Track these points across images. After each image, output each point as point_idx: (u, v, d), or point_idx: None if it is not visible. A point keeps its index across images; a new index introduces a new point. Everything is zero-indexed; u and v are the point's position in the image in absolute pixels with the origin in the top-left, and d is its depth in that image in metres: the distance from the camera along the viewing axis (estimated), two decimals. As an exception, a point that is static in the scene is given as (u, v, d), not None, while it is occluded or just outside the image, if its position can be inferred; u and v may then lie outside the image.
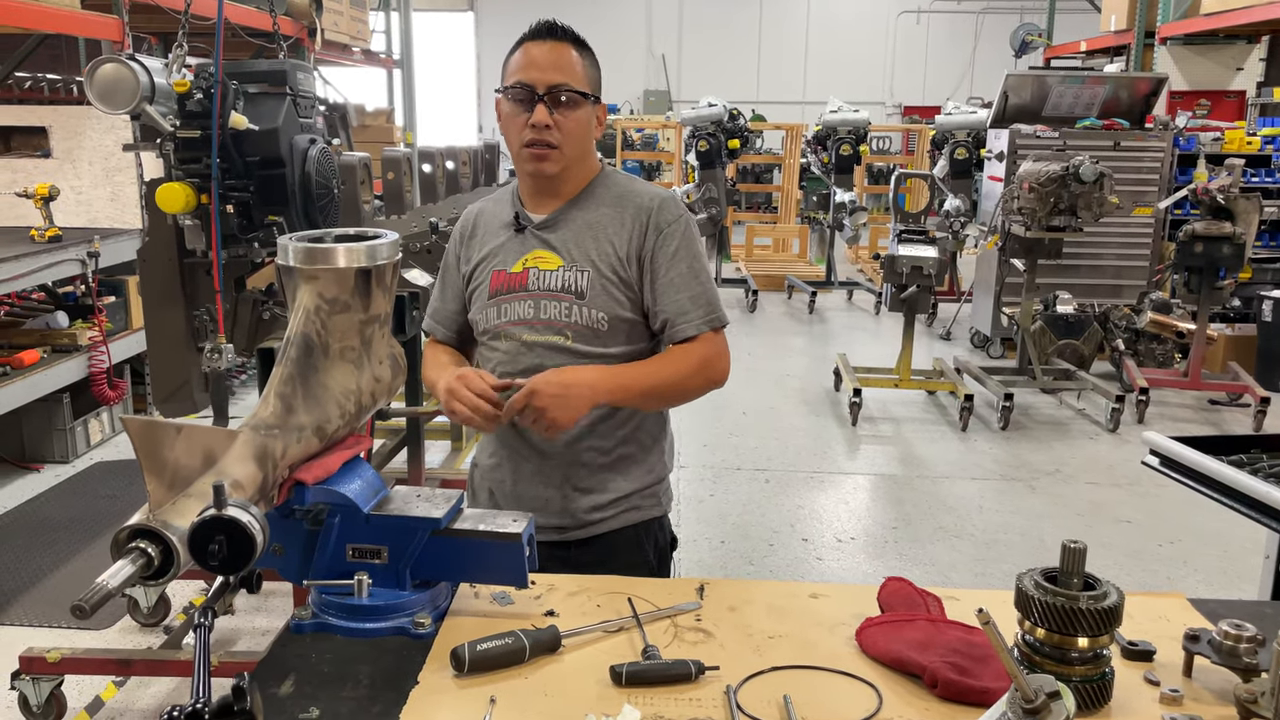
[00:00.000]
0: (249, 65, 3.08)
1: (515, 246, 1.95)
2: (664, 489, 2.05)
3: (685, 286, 1.90)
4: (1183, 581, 3.97)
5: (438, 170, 5.19)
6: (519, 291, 1.92)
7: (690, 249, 1.93)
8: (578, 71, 1.87)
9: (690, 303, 1.90)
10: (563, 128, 1.85)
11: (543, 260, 1.92)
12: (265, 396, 1.38)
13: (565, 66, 1.85)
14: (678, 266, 1.90)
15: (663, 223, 1.92)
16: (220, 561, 1.08)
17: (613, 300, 1.89)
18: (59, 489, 4.71)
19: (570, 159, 1.89)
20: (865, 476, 5.14)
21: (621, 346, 1.91)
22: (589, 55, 1.92)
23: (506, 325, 1.92)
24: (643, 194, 1.96)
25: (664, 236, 1.92)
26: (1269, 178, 7.74)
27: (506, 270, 1.94)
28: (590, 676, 1.30)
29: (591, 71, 1.90)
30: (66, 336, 4.98)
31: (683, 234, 1.93)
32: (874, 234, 11.09)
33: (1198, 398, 6.48)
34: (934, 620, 1.41)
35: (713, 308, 1.92)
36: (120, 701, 3.02)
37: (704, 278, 1.94)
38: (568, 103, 1.84)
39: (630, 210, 1.93)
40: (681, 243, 1.92)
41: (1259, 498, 1.97)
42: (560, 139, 1.85)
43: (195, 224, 2.82)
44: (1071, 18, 13.78)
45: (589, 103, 1.89)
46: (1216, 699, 1.26)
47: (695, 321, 1.89)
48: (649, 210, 1.92)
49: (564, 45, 1.87)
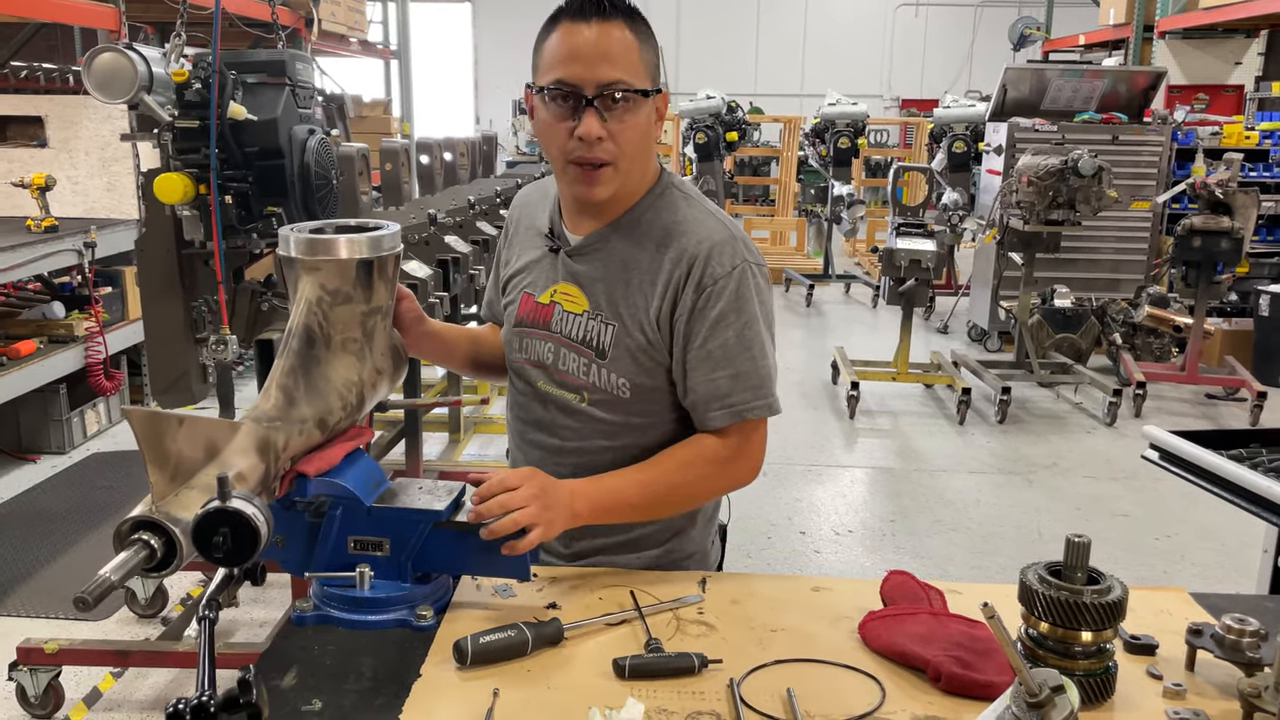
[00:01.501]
0: (247, 55, 3.06)
1: (546, 269, 1.66)
2: (699, 557, 1.74)
3: (727, 362, 1.53)
4: (1179, 575, 3.98)
5: (435, 161, 5.17)
6: (542, 330, 1.64)
7: (743, 313, 1.53)
8: (634, 59, 1.48)
9: (730, 383, 1.53)
10: (619, 138, 1.48)
11: (569, 298, 1.62)
12: (267, 388, 1.38)
13: (619, 55, 1.46)
14: (721, 335, 1.53)
15: (709, 278, 1.52)
16: (225, 554, 1.08)
17: (637, 366, 1.57)
18: (55, 480, 4.70)
19: (626, 175, 1.53)
20: (863, 469, 5.14)
21: (648, 417, 1.60)
22: (645, 31, 1.51)
23: (525, 364, 1.68)
24: (692, 235, 1.55)
25: (708, 296, 1.52)
26: (1267, 172, 7.74)
27: (535, 298, 1.67)
28: (593, 669, 1.30)
29: (649, 54, 1.51)
30: (63, 327, 4.96)
31: (734, 293, 1.53)
32: (872, 227, 11.08)
33: (1195, 392, 6.49)
34: (936, 614, 1.41)
35: (761, 391, 1.55)
36: (118, 693, 3.02)
37: (757, 350, 1.55)
38: (624, 104, 1.47)
39: (671, 255, 1.55)
40: (731, 305, 1.53)
41: (1259, 492, 1.97)
42: (616, 152, 1.49)
43: (193, 215, 2.80)
44: (1070, 11, 13.76)
45: (650, 101, 1.51)
46: (1220, 693, 1.26)
47: (734, 408, 1.54)
48: (693, 260, 1.53)
49: (614, 24, 1.46)
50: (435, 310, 3.65)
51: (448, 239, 4.12)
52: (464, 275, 4.08)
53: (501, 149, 6.83)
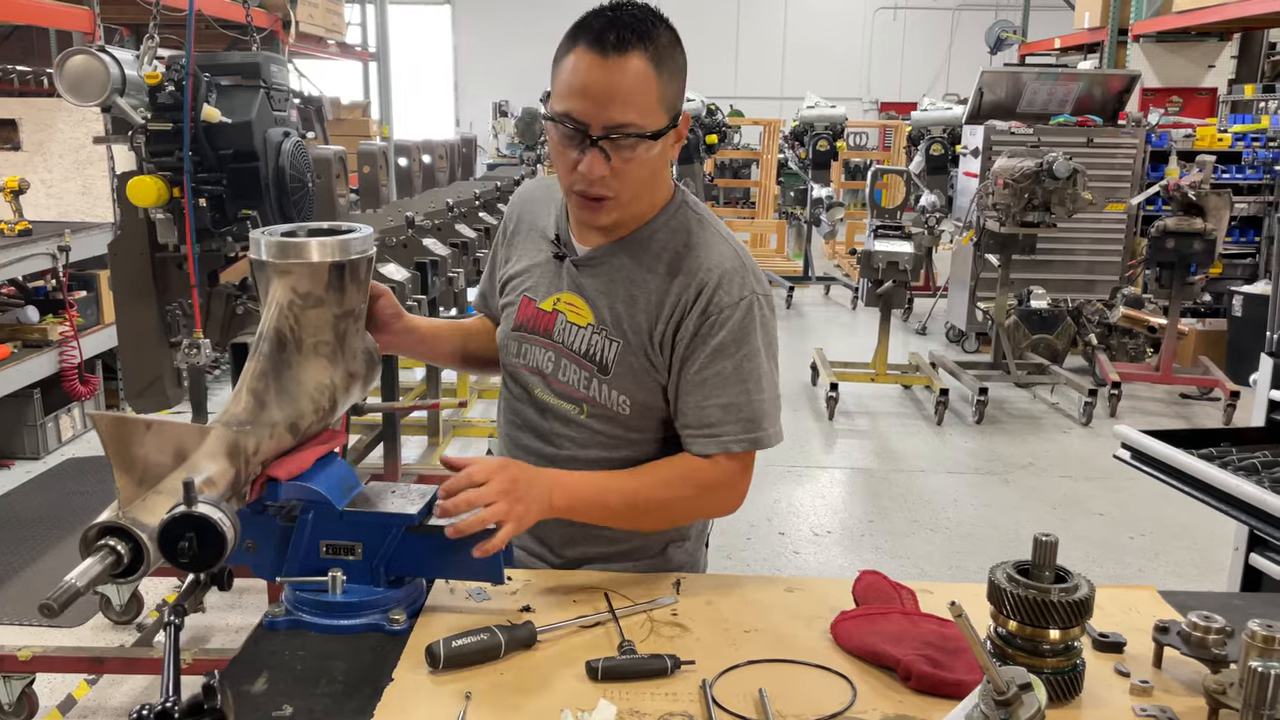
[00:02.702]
0: (221, 57, 3.05)
1: (550, 275, 1.63)
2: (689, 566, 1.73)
3: (721, 390, 1.51)
4: (1153, 573, 4.02)
5: (414, 164, 5.17)
6: (543, 337, 1.62)
7: (745, 344, 1.51)
8: (648, 99, 1.43)
9: (720, 413, 1.52)
10: (624, 175, 1.46)
11: (573, 309, 1.59)
12: (237, 392, 1.37)
13: (630, 95, 1.41)
14: (718, 364, 1.51)
15: (715, 306, 1.50)
16: (190, 559, 1.07)
17: (639, 384, 1.55)
18: (30, 485, 4.65)
19: (631, 204, 1.52)
20: (841, 470, 5.16)
21: (646, 433, 1.59)
22: (669, 56, 1.45)
23: (522, 369, 1.66)
24: (704, 260, 1.53)
25: (712, 324, 1.50)
26: (1239, 174, 7.82)
27: (536, 303, 1.63)
28: (566, 672, 1.30)
29: (670, 84, 1.46)
30: (37, 331, 4.92)
31: (739, 323, 1.51)
32: (851, 229, 11.11)
33: (1169, 392, 6.55)
34: (908, 613, 1.42)
35: (753, 424, 1.53)
36: (93, 700, 2.99)
37: (753, 383, 1.52)
38: (632, 144, 1.44)
39: (680, 280, 1.53)
40: (734, 335, 1.51)
41: (1228, 491, 2.00)
42: (618, 188, 1.47)
43: (167, 218, 2.79)
44: (1046, 15, 13.88)
45: (667, 136, 1.48)
46: (1186, 690, 1.27)
47: (719, 438, 1.52)
48: (702, 286, 1.51)
49: (633, 58, 1.40)
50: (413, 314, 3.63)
51: (426, 242, 4.12)
52: (442, 278, 4.07)
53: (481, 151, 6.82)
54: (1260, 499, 1.92)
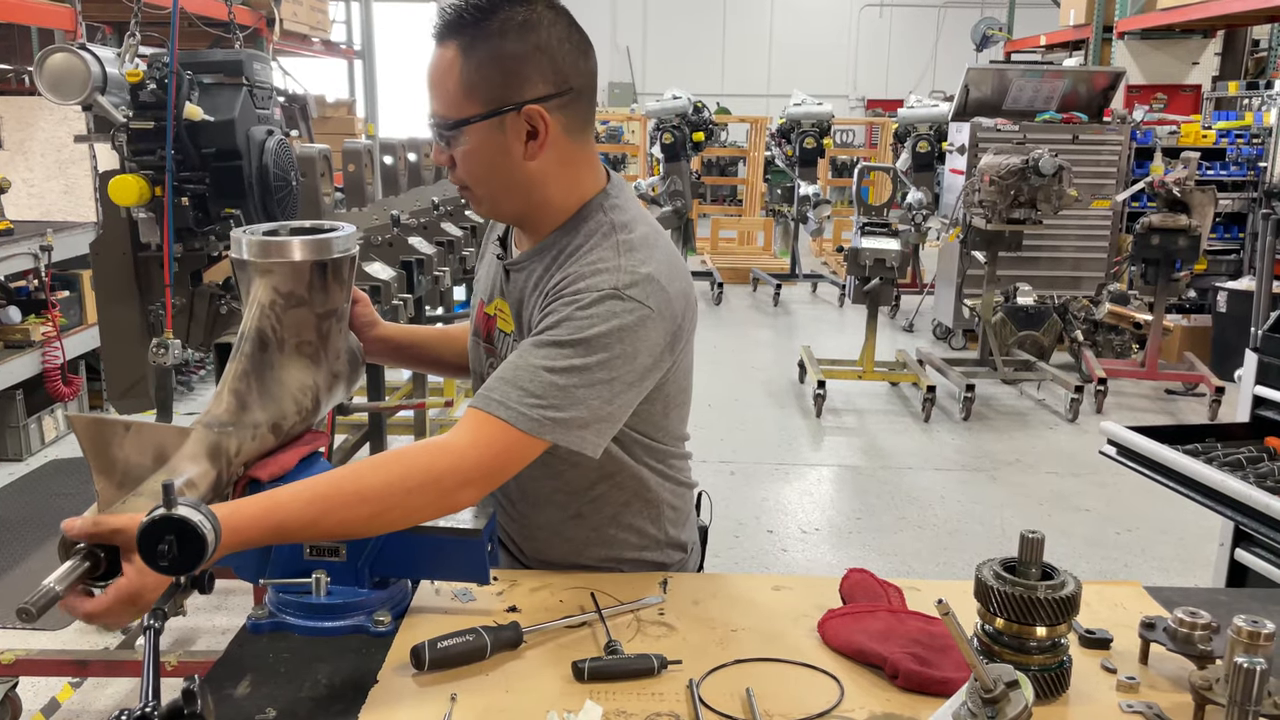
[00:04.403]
0: (204, 55, 3.02)
1: (492, 278, 1.61)
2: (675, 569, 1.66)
3: (513, 364, 1.36)
4: (1140, 569, 4.04)
5: (400, 162, 5.14)
6: (486, 342, 1.61)
7: (576, 339, 1.33)
8: (451, 87, 1.38)
9: (497, 384, 1.34)
10: (462, 166, 1.43)
11: (503, 316, 1.55)
12: (219, 393, 1.36)
13: (435, 85, 1.40)
14: (537, 339, 1.36)
15: (568, 293, 1.37)
16: (170, 562, 1.06)
17: None
18: (12, 487, 4.61)
19: (495, 201, 1.47)
20: (829, 468, 5.17)
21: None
22: (481, 49, 1.36)
23: (475, 371, 1.66)
24: (584, 264, 1.40)
25: (550, 310, 1.38)
26: (1224, 171, 7.86)
27: (484, 306, 1.62)
28: (552, 672, 1.29)
29: (475, 76, 1.37)
30: (19, 332, 4.88)
31: (577, 311, 1.35)
32: (838, 227, 11.15)
33: (1155, 388, 6.58)
34: (895, 611, 1.42)
35: (524, 398, 1.31)
36: (77, 703, 2.97)
37: (562, 373, 1.32)
38: (448, 136, 1.42)
39: (554, 280, 1.42)
40: (566, 319, 1.35)
41: (1214, 486, 2.00)
42: (465, 178, 1.45)
43: (149, 217, 2.77)
44: (1031, 12, 13.94)
45: (482, 128, 1.39)
46: (1172, 686, 1.28)
47: (488, 395, 1.33)
48: (568, 281, 1.39)
49: (443, 48, 1.39)
50: (399, 312, 3.62)
51: (411, 240, 4.10)
52: (428, 277, 4.06)
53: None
54: (1245, 494, 1.92)
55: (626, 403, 1.40)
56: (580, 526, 1.61)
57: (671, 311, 1.42)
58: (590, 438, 1.36)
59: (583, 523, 1.60)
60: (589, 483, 1.56)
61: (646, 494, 1.60)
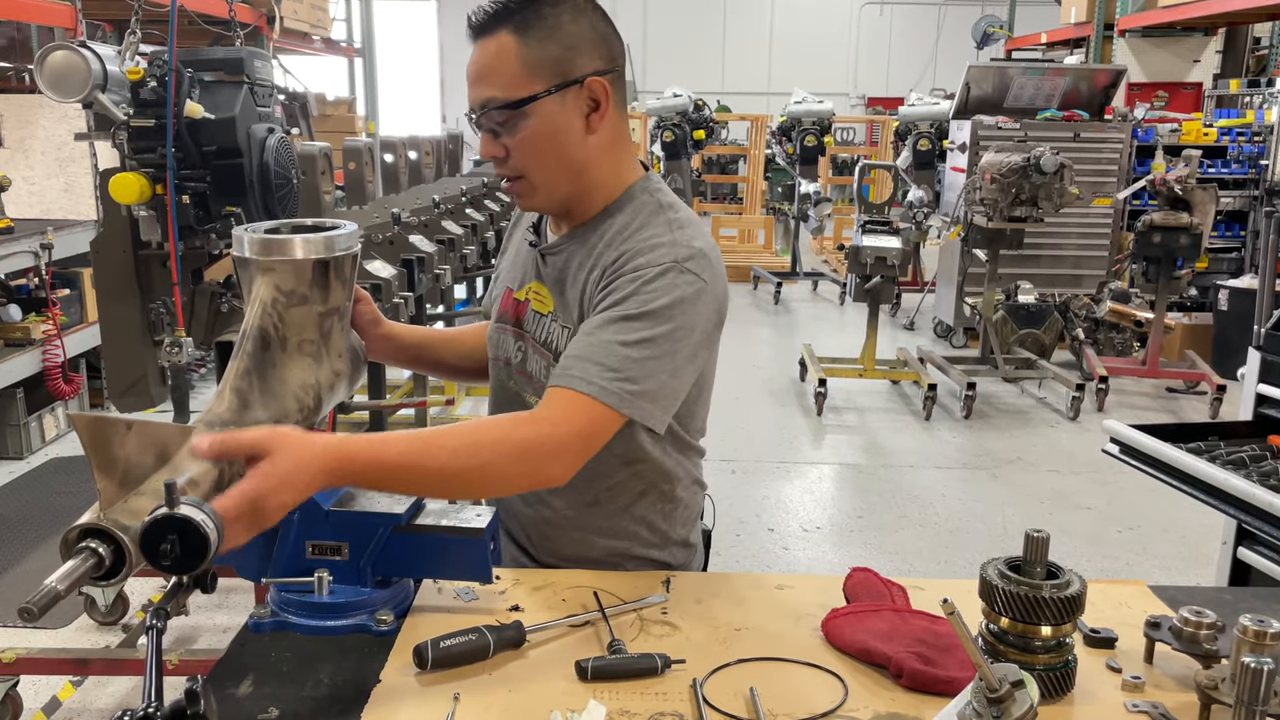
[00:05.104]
0: (204, 53, 3.02)
1: (524, 265, 1.63)
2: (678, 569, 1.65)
3: (586, 341, 1.39)
4: (1141, 567, 4.03)
5: (400, 160, 5.14)
6: (514, 326, 1.62)
7: (643, 311, 1.38)
8: (510, 69, 1.40)
9: (574, 361, 1.38)
10: (517, 152, 1.45)
11: (538, 298, 1.58)
12: (220, 391, 1.35)
13: (492, 69, 1.42)
14: (605, 316, 1.40)
15: (629, 269, 1.42)
16: (173, 561, 1.05)
17: None
18: (13, 486, 4.61)
19: (544, 184, 1.49)
20: (830, 466, 5.17)
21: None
22: (537, 28, 1.41)
23: (496, 359, 1.67)
24: (639, 240, 1.45)
25: (613, 288, 1.42)
26: (1225, 169, 7.86)
27: (513, 293, 1.64)
28: (555, 672, 1.28)
29: (542, 50, 1.41)
30: (20, 330, 4.87)
31: (643, 286, 1.39)
32: (838, 225, 11.14)
33: (1156, 386, 6.58)
34: (899, 610, 1.41)
35: (619, 375, 1.35)
36: (78, 701, 2.96)
37: (635, 347, 1.37)
38: (508, 118, 1.43)
39: (610, 258, 1.45)
40: (632, 294, 1.39)
41: (1216, 484, 2.00)
42: (522, 167, 1.46)
43: (150, 215, 2.76)
44: (1032, 10, 13.92)
45: (548, 103, 1.42)
46: (1178, 685, 1.27)
47: (571, 374, 1.37)
48: (624, 252, 1.44)
49: (493, 38, 1.41)
50: (400, 310, 3.62)
51: (412, 238, 4.09)
52: (429, 275, 4.05)
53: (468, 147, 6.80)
54: (1248, 493, 1.92)
55: (686, 379, 1.46)
56: (594, 514, 1.61)
57: (720, 289, 1.49)
58: (658, 413, 1.42)
59: (598, 510, 1.61)
60: (610, 469, 1.57)
61: (663, 485, 1.62)
